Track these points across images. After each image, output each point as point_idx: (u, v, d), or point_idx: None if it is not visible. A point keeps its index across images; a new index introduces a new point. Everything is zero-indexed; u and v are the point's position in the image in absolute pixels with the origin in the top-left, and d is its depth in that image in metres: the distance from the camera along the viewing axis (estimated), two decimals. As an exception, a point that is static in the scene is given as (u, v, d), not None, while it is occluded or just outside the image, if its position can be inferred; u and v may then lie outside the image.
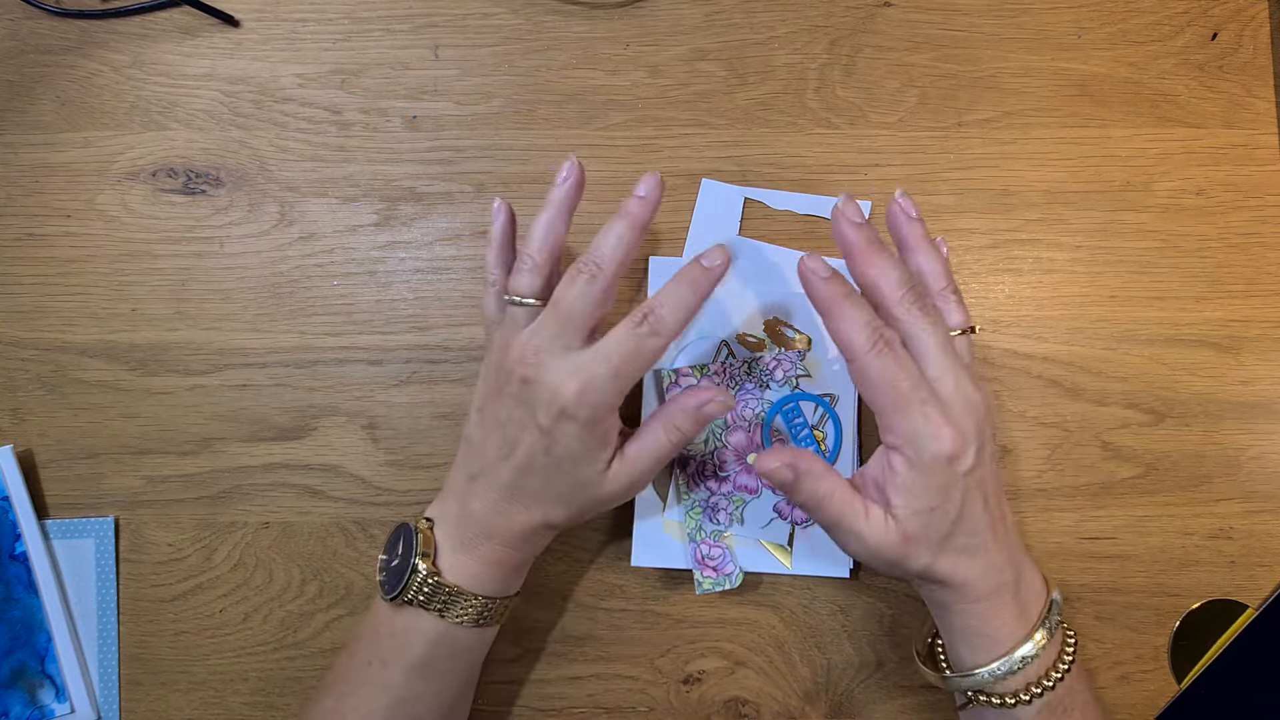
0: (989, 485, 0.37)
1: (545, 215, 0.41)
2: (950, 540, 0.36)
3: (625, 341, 0.37)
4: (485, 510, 0.40)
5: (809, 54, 0.50)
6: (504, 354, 0.39)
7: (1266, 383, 0.48)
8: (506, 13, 0.51)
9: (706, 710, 0.47)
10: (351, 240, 0.50)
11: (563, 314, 0.38)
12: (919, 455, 0.35)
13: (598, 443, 0.38)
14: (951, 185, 0.49)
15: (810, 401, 0.46)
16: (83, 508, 0.48)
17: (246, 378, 0.49)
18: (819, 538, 0.46)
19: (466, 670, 0.42)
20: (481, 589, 0.40)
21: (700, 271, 0.38)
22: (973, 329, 0.40)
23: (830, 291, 0.37)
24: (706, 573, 0.46)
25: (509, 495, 0.39)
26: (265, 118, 0.51)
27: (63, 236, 0.50)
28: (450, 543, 0.40)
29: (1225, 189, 0.49)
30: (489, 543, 0.40)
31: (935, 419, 0.35)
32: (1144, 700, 0.46)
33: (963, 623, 0.38)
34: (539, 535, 0.41)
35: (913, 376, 0.36)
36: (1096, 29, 0.50)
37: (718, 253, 0.38)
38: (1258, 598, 0.46)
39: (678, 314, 0.38)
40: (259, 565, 0.48)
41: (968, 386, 0.37)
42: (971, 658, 0.38)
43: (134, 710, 0.48)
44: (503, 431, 0.39)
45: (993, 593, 0.37)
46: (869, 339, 0.36)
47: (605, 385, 0.37)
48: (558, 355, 0.38)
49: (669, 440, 0.40)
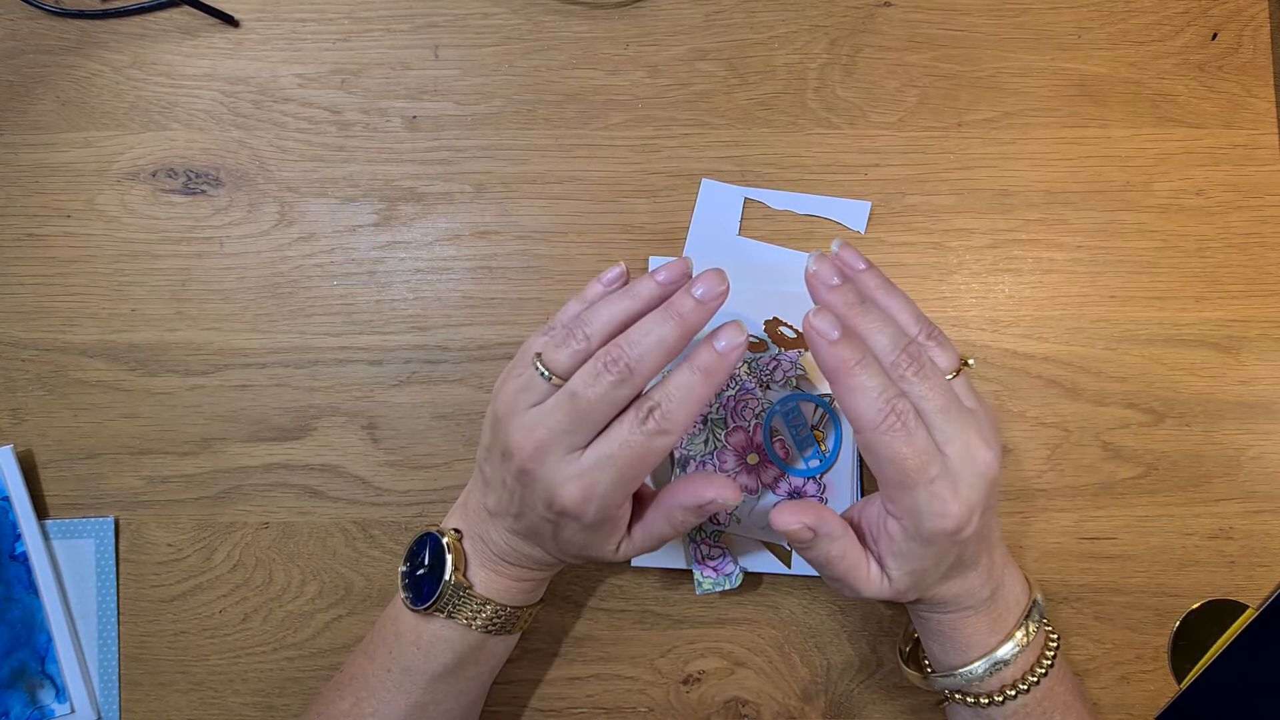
0: (982, 530, 0.36)
1: (624, 305, 0.36)
2: (939, 581, 0.37)
3: (631, 443, 0.34)
4: (504, 544, 0.39)
5: (809, 54, 0.50)
6: (506, 422, 0.36)
7: (1266, 383, 0.48)
8: (506, 13, 0.51)
9: (706, 710, 0.47)
10: (351, 240, 0.50)
11: (578, 412, 0.34)
12: (918, 529, 0.34)
13: (604, 534, 0.37)
14: (951, 185, 0.49)
15: (810, 401, 0.46)
16: (83, 508, 0.48)
17: (246, 378, 0.49)
18: None
19: (487, 675, 0.42)
20: (510, 600, 0.40)
21: (714, 358, 0.34)
22: (966, 363, 0.38)
23: (838, 358, 0.34)
24: (706, 573, 0.46)
25: (524, 542, 0.39)
26: (265, 118, 0.51)
27: (63, 236, 0.50)
28: (477, 558, 0.40)
29: (1225, 189, 0.49)
30: (512, 567, 0.40)
31: (941, 497, 0.34)
32: (1144, 700, 0.46)
33: (935, 628, 0.39)
34: (557, 566, 0.41)
35: (921, 454, 0.34)
36: (1096, 29, 0.50)
37: (735, 332, 0.34)
38: (1258, 598, 0.46)
39: (689, 409, 0.34)
40: (259, 565, 0.48)
41: (978, 449, 0.34)
42: (945, 659, 0.39)
43: (134, 710, 0.47)
44: (510, 496, 0.37)
45: (966, 608, 0.38)
46: (879, 412, 0.34)
47: (609, 491, 0.35)
48: (559, 455, 0.35)
49: (673, 530, 0.38)
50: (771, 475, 0.46)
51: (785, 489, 0.46)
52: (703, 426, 0.46)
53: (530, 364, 0.36)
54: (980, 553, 0.37)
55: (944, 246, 0.49)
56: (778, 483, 0.46)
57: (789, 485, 0.46)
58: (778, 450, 0.46)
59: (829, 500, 0.46)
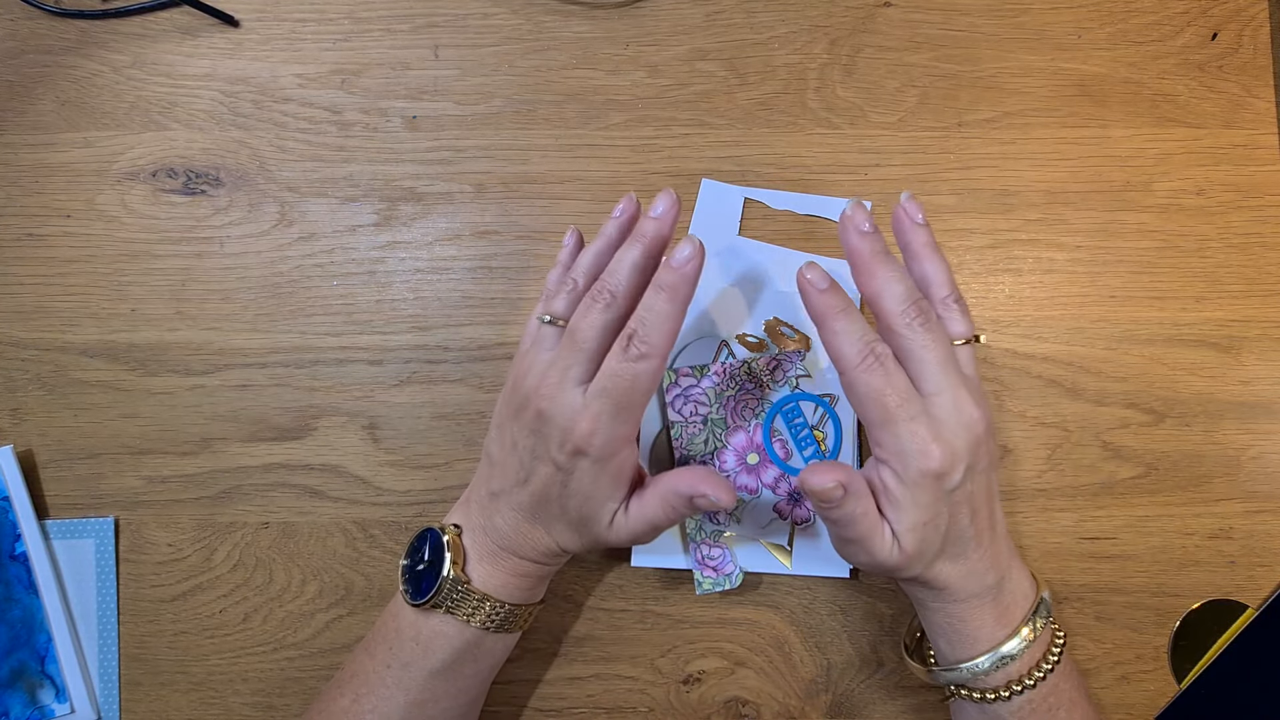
0: (978, 499, 0.37)
1: (597, 245, 0.41)
2: (940, 552, 0.37)
3: (619, 373, 0.36)
4: (507, 529, 0.40)
5: (809, 54, 0.50)
6: (524, 377, 0.39)
7: (1266, 383, 0.48)
8: (506, 13, 0.51)
9: (706, 710, 0.47)
10: (351, 240, 0.50)
11: (577, 344, 0.37)
12: (905, 471, 0.35)
13: (611, 480, 0.38)
14: (951, 185, 0.49)
15: (810, 401, 0.46)
16: (83, 508, 0.48)
17: (246, 378, 0.49)
18: (819, 538, 0.46)
19: (487, 674, 0.42)
20: (509, 597, 0.40)
21: (673, 275, 0.36)
22: (977, 337, 0.40)
23: (825, 304, 0.37)
24: (706, 573, 0.46)
25: (529, 518, 0.39)
26: (265, 118, 0.51)
27: (63, 236, 0.50)
28: (477, 552, 0.40)
29: (1225, 189, 0.49)
30: (513, 557, 0.40)
31: (922, 436, 0.35)
32: (1144, 700, 0.46)
33: (942, 620, 0.39)
34: (557, 557, 0.41)
35: (901, 392, 0.36)
36: (1096, 29, 0.50)
37: (685, 245, 0.37)
38: (1258, 598, 0.46)
39: (662, 328, 0.36)
40: (259, 565, 0.48)
41: (966, 404, 0.36)
42: (951, 654, 0.39)
43: (134, 710, 0.48)
44: (519, 457, 0.39)
45: (972, 596, 0.38)
46: (859, 353, 0.36)
47: (610, 422, 0.36)
48: (569, 390, 0.37)
49: (665, 517, 0.39)
50: (772, 475, 0.46)
51: (785, 489, 0.46)
52: (703, 426, 0.46)
53: (537, 324, 0.40)
54: (979, 530, 0.37)
55: (944, 246, 0.49)
56: (778, 483, 0.46)
57: (789, 485, 0.46)
58: (778, 450, 0.46)
59: None
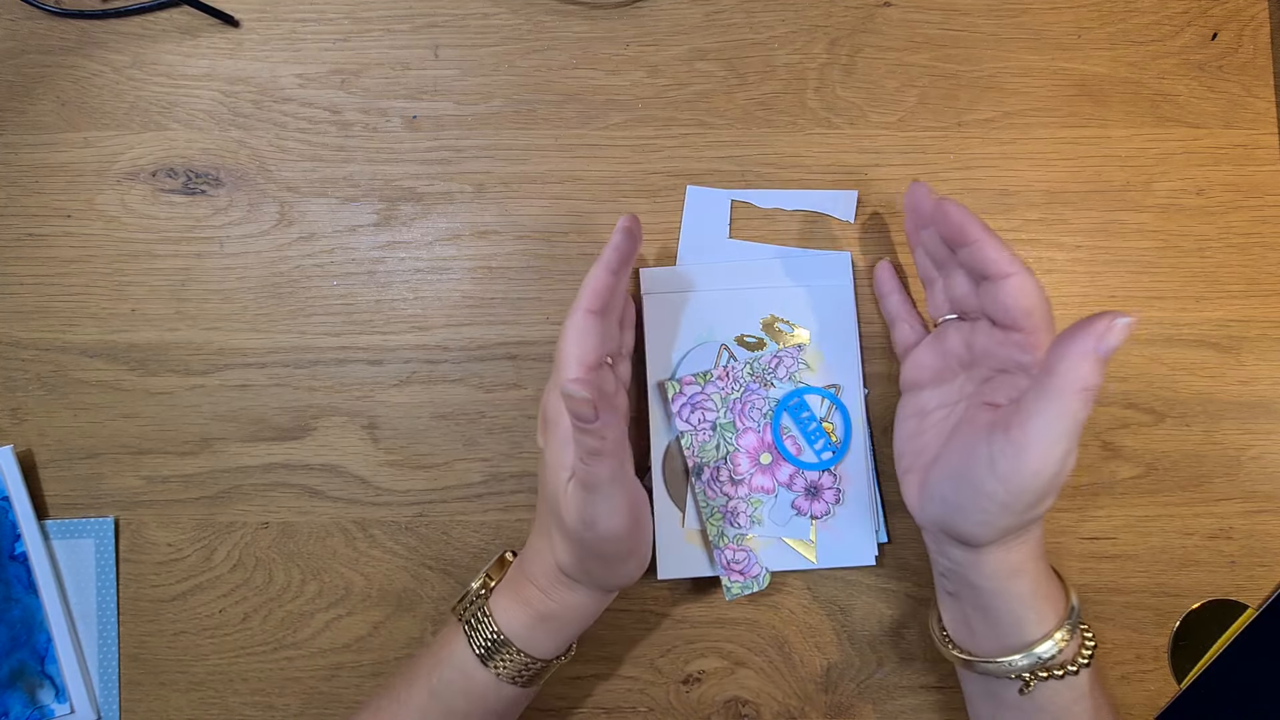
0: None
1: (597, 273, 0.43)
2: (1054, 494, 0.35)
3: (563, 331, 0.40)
4: (529, 546, 0.42)
5: (809, 54, 0.50)
6: None
7: (1266, 383, 0.48)
8: (506, 13, 0.51)
9: (706, 710, 0.47)
10: (351, 240, 0.50)
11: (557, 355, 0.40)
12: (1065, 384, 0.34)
13: (559, 444, 0.39)
14: (951, 185, 0.49)
15: (815, 394, 0.46)
16: (82, 508, 0.48)
17: (246, 378, 0.49)
18: (840, 529, 0.46)
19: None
20: (509, 629, 0.40)
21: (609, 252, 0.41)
22: None
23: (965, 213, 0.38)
24: (734, 577, 0.45)
25: (538, 531, 0.41)
26: (265, 118, 0.51)
27: (63, 236, 0.50)
28: (507, 580, 0.42)
29: (1225, 189, 0.49)
30: (528, 583, 0.41)
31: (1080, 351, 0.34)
32: (1144, 700, 0.46)
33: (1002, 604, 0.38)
34: (558, 580, 0.40)
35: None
36: (1096, 29, 0.50)
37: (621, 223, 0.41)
38: (1258, 598, 0.46)
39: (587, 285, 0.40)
40: (258, 565, 0.48)
41: None
42: (993, 640, 0.38)
43: (134, 710, 0.47)
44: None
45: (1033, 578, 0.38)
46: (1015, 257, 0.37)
47: (552, 378, 0.40)
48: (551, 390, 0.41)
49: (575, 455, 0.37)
50: (787, 473, 0.46)
51: (801, 484, 0.46)
52: (713, 432, 0.46)
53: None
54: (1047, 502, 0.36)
55: (944, 246, 0.49)
56: (794, 479, 0.46)
57: (805, 480, 0.46)
58: (789, 446, 0.46)
59: (845, 489, 0.46)
